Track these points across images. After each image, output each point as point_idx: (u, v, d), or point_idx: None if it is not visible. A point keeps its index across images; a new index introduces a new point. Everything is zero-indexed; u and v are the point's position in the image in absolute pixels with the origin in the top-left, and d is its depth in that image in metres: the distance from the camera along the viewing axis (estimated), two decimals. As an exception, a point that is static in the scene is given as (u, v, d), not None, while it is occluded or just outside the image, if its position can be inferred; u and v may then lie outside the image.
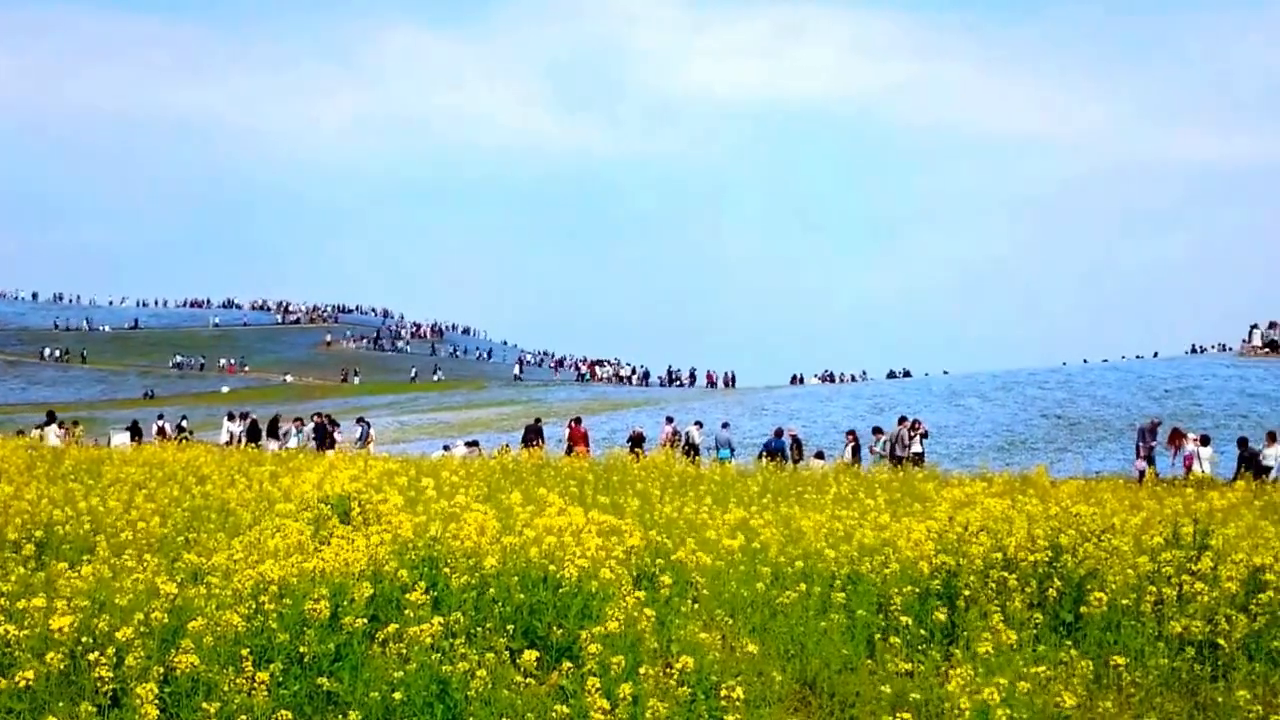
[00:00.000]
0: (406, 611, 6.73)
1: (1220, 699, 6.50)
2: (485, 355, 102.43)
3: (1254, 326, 60.31)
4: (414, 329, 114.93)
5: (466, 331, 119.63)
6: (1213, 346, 63.37)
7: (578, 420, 29.36)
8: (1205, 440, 24.89)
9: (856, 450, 25.86)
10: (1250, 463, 21.57)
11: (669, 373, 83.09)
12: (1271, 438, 22.45)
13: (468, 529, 8.08)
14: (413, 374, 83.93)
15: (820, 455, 27.92)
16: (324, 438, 27.52)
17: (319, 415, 30.22)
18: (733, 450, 27.48)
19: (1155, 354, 62.59)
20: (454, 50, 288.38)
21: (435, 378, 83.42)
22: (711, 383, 77.37)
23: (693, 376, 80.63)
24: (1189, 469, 23.44)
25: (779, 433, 28.13)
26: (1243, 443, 23.47)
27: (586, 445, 26.79)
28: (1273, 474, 20.85)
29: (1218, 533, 9.06)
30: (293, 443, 27.61)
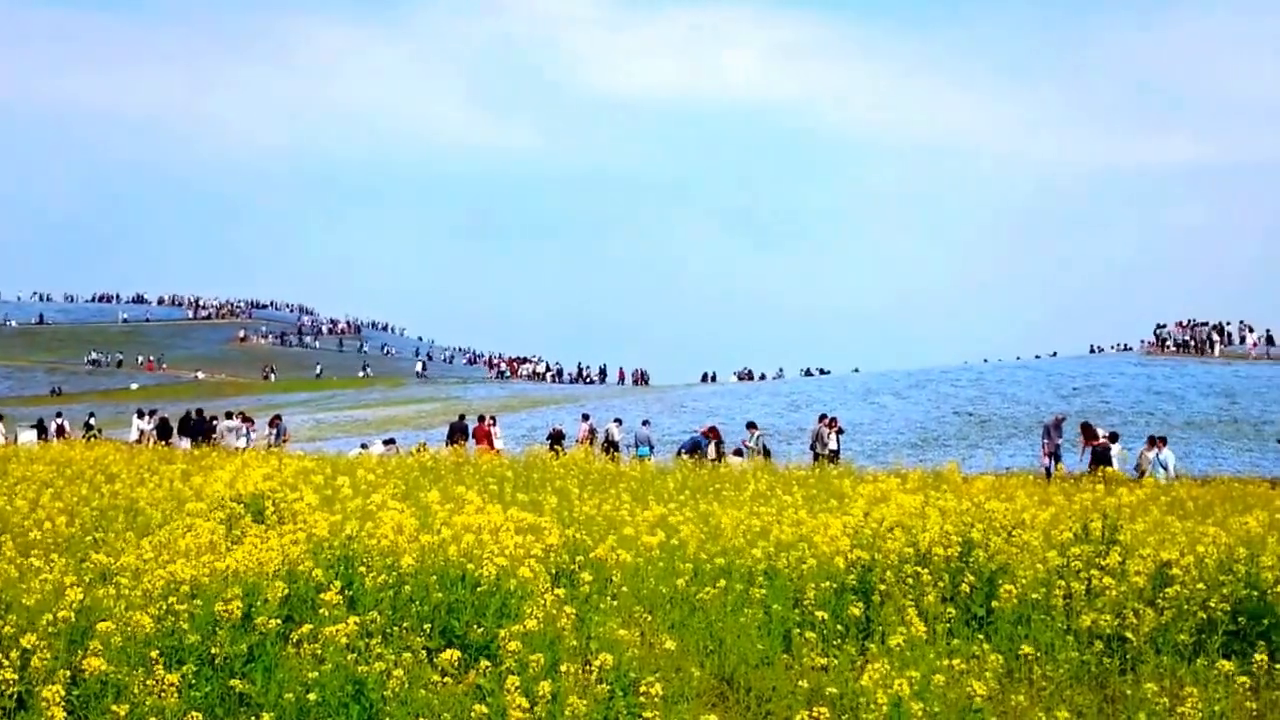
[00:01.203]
0: (321, 611, 6.62)
1: (1129, 691, 6.66)
2: (392, 352, 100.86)
3: (1159, 326, 62.19)
4: (330, 325, 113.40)
5: (385, 328, 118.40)
6: (1112, 346, 65.08)
7: (481, 418, 29.27)
8: (1114, 437, 25.59)
9: (719, 447, 26.03)
10: (1101, 458, 22.38)
11: (579, 369, 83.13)
12: (1151, 442, 23.22)
13: (385, 528, 7.99)
14: (318, 371, 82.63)
15: (739, 452, 28.12)
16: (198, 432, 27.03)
17: (238, 413, 29.67)
18: (652, 448, 27.55)
19: (1054, 354, 63.54)
20: (374, 45, 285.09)
21: (362, 374, 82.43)
22: (621, 379, 77.67)
23: (603, 373, 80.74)
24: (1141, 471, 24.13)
25: (706, 431, 28.23)
26: (1088, 432, 24.33)
27: (490, 443, 26.70)
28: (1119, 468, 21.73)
29: (1126, 528, 9.31)
30: (241, 443, 26.43)
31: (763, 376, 72.66)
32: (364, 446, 28.36)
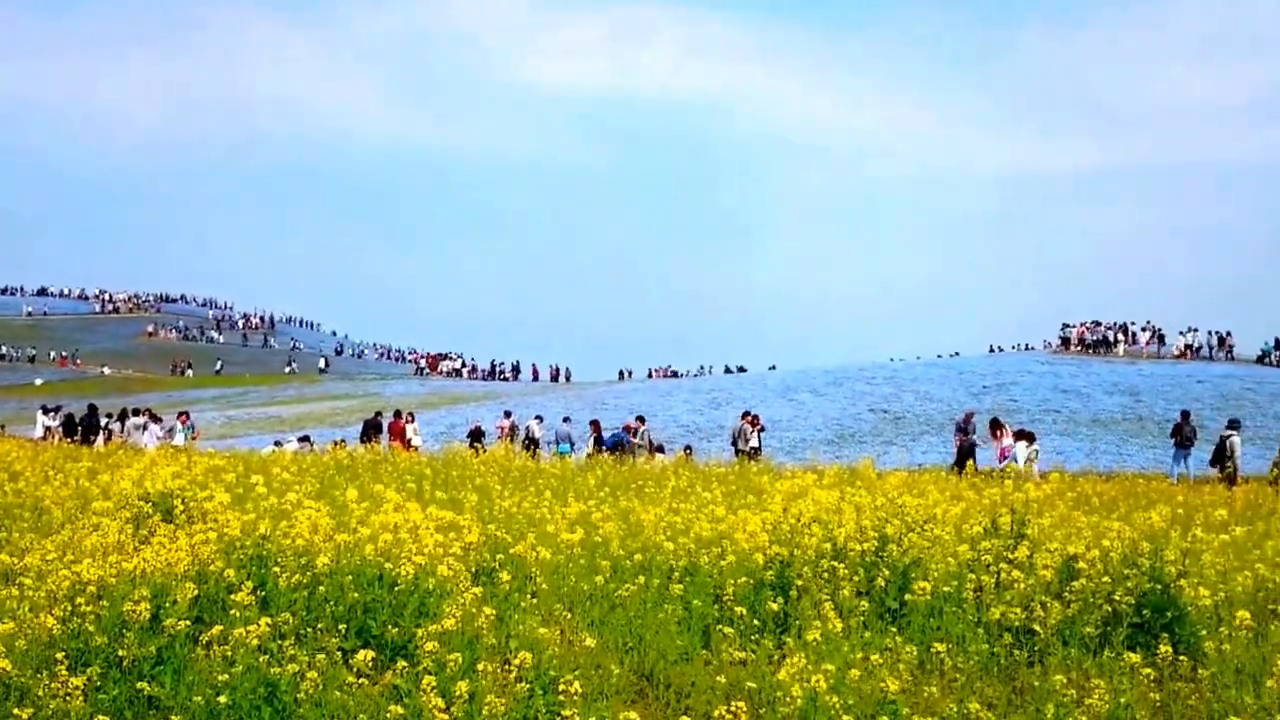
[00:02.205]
0: (233, 612, 6.49)
1: (1037, 683, 6.80)
2: (299, 347, 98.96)
3: (1066, 325, 63.78)
4: (244, 320, 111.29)
5: (301, 323, 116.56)
6: (1013, 346, 66.53)
7: (398, 414, 29.04)
8: (1024, 435, 26.16)
9: (599, 441, 26.26)
10: (968, 453, 23.11)
11: (492, 366, 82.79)
12: (1020, 435, 23.98)
13: (299, 527, 7.85)
14: (218, 366, 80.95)
15: (660, 449, 28.24)
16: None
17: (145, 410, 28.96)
18: (573, 445, 27.54)
19: (956, 353, 64.34)
20: (288, 34, 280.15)
21: (288, 369, 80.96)
22: (536, 376, 77.52)
23: (516, 370, 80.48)
24: (1003, 459, 24.90)
25: (627, 427, 28.36)
26: (962, 432, 25.19)
27: (405, 441, 26.52)
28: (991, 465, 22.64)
29: (1033, 523, 9.51)
30: (149, 440, 25.65)
31: (681, 374, 73.10)
32: (278, 444, 27.91)
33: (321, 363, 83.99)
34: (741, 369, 70.19)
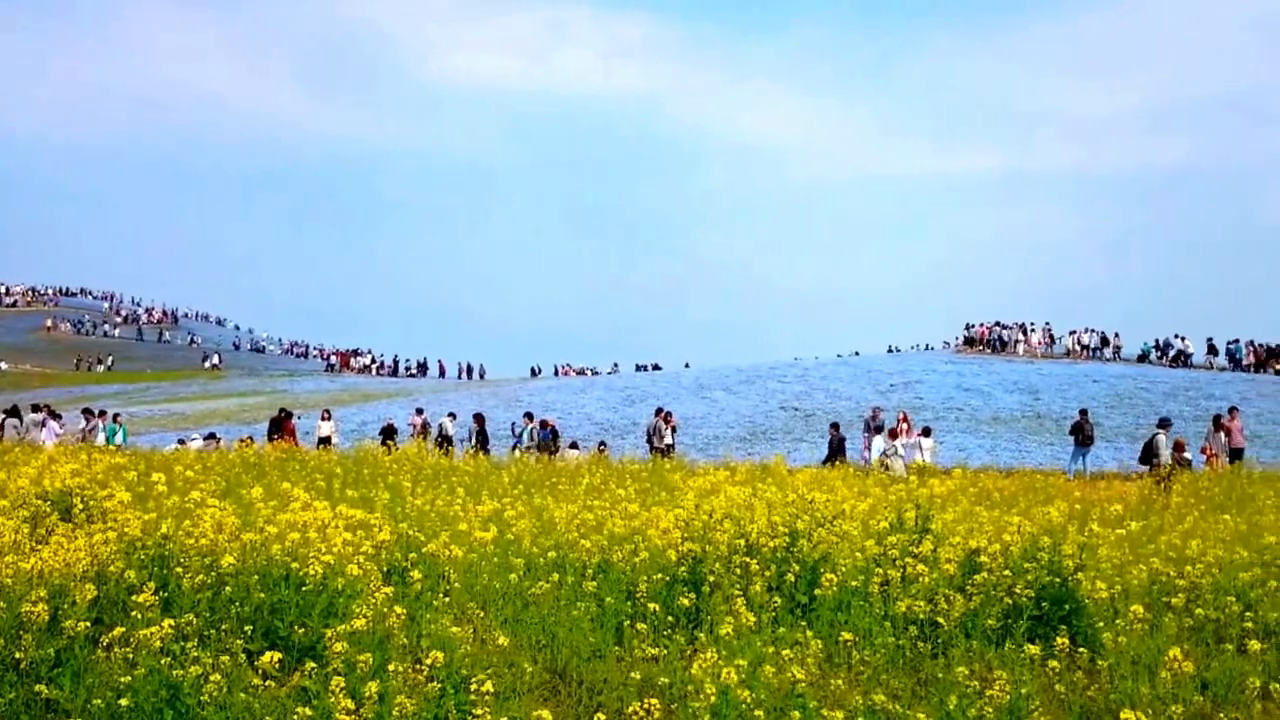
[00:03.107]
0: (134, 614, 6.34)
1: (941, 675, 6.95)
2: (198, 342, 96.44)
3: (968, 325, 65.22)
4: (147, 313, 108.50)
5: (207, 318, 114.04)
6: (912, 347, 67.85)
7: (287, 414, 28.71)
8: (927, 432, 26.72)
9: (482, 435, 26.58)
10: (839, 449, 23.76)
11: (395, 361, 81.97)
12: (892, 434, 24.75)
13: (204, 526, 7.69)
14: (109, 363, 78.61)
15: (574, 446, 28.28)
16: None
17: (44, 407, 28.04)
18: (488, 442, 27.44)
19: (856, 353, 65.13)
20: (200, 24, 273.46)
21: (209, 365, 78.77)
22: (443, 373, 76.98)
23: (423, 367, 79.81)
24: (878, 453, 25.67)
25: (544, 424, 28.31)
26: (835, 426, 26.17)
27: (295, 439, 26.26)
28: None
29: (937, 518, 9.72)
30: (47, 437, 24.94)
31: (591, 372, 73.14)
32: (181, 442, 27.31)
33: (215, 358, 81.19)
34: (656, 366, 70.44)
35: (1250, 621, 7.83)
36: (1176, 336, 57.87)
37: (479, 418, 28.11)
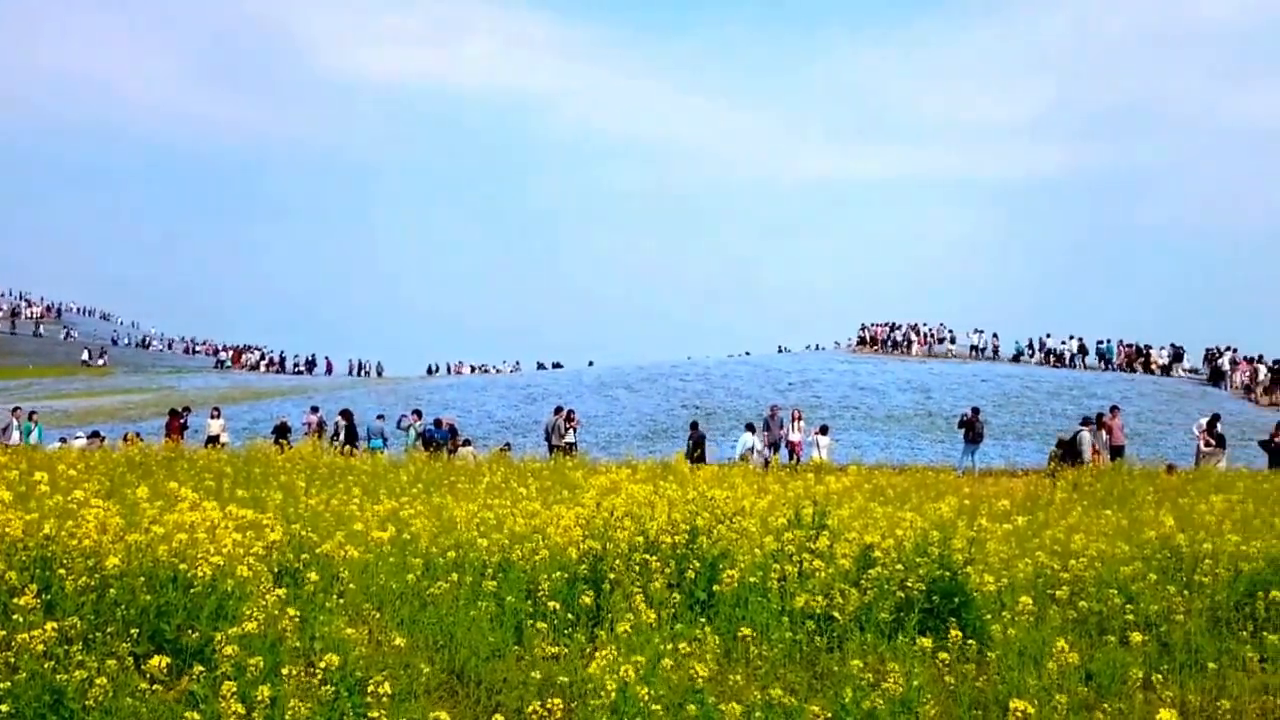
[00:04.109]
0: (15, 617, 6.10)
1: (836, 668, 7.06)
2: (74, 336, 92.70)
3: (864, 326, 66.47)
4: (26, 305, 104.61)
5: (91, 313, 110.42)
6: (806, 347, 68.89)
7: (174, 412, 28.09)
8: (824, 430, 27.15)
9: (350, 430, 26.49)
10: (700, 443, 24.33)
11: (282, 359, 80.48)
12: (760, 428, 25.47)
13: (87, 526, 7.44)
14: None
15: (467, 443, 28.08)
16: None
17: None
18: (386, 440, 27.09)
19: (747, 353, 65.77)
20: (88, 10, 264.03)
21: (101, 362, 75.82)
22: (330, 370, 75.88)
23: (311, 364, 78.54)
24: (794, 454, 26.14)
25: (437, 422, 28.08)
26: (694, 426, 27.00)
27: (182, 436, 25.73)
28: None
29: (834, 514, 9.88)
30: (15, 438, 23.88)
31: (491, 370, 72.72)
32: (63, 440, 26.40)
33: (88, 354, 77.65)
34: (557, 365, 70.26)
35: (1132, 614, 8.11)
36: (1048, 336, 59.95)
37: (346, 414, 27.83)
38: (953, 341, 62.30)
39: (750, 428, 26.98)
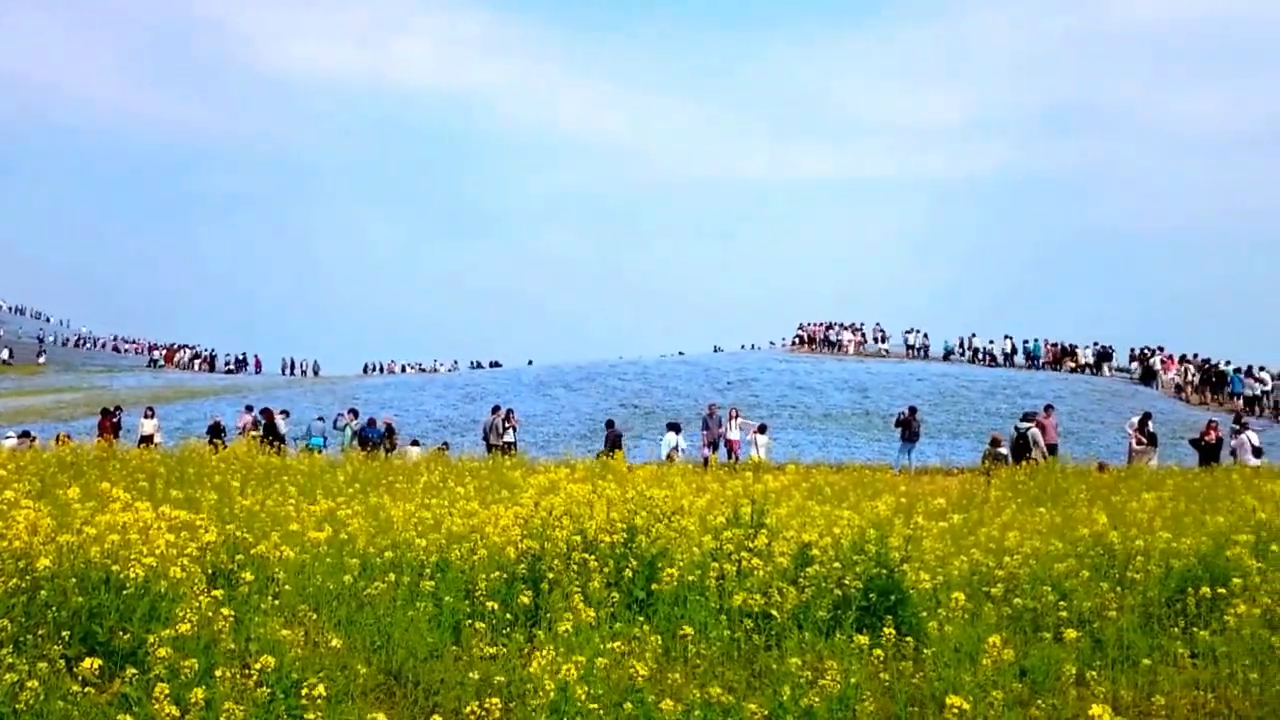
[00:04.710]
0: (-60, 622, 5.97)
1: (775, 666, 7.10)
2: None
3: (801, 325, 66.99)
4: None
5: (20, 311, 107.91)
6: (742, 346, 69.28)
7: (106, 411, 27.59)
8: (762, 429, 27.32)
9: (271, 428, 26.34)
10: (616, 442, 24.52)
11: (211, 357, 79.32)
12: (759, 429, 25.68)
13: (17, 527, 7.28)
14: None
15: (416, 443, 27.93)
16: None
17: None
18: (325, 440, 26.85)
19: (680, 352, 65.89)
20: (20, 5, 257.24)
21: (40, 360, 73.88)
22: (259, 369, 74.91)
23: (241, 362, 77.45)
24: (732, 453, 26.34)
25: (372, 421, 27.86)
26: (609, 424, 27.16)
27: (115, 436, 25.30)
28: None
29: (772, 512, 9.95)
30: None
31: (428, 368, 72.20)
32: (-9, 440, 25.77)
33: (5, 352, 75.59)
34: (495, 364, 69.92)
35: (1065, 611, 8.25)
36: (974, 335, 60.93)
37: (266, 413, 27.55)
38: (883, 340, 63.02)
39: (673, 427, 26.89)
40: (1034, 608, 8.44)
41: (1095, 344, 56.95)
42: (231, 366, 77.05)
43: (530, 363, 65.43)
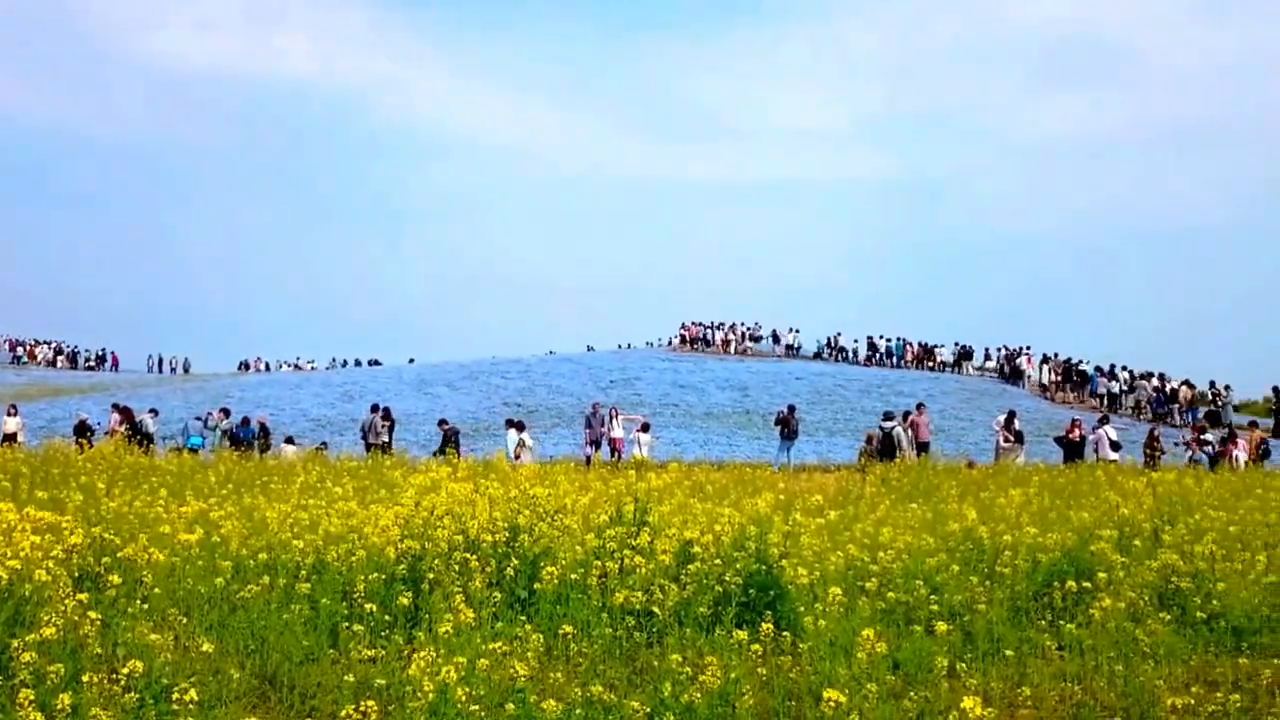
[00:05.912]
0: None
1: (656, 663, 7.16)
2: None
3: (684, 325, 67.59)
4: None
5: None
6: (619, 345, 69.68)
7: None
8: (645, 427, 27.49)
9: (132, 426, 25.90)
10: (451, 439, 24.43)
11: (73, 354, 76.51)
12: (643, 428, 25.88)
13: None
14: None
15: (290, 441, 27.37)
16: None
17: None
18: (205, 440, 26.17)
19: (551, 351, 65.45)
20: None
21: None
22: (116, 365, 72.59)
23: (101, 359, 74.90)
24: (615, 451, 26.49)
25: (245, 420, 27.24)
26: (442, 423, 26.69)
27: None
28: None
29: (654, 510, 10.02)
30: None
31: (302, 366, 70.80)
32: None
33: None
34: (375, 362, 68.81)
35: (937, 604, 8.50)
36: (838, 335, 62.51)
37: (126, 411, 26.74)
38: (757, 340, 64.08)
39: (512, 424, 26.57)
40: (907, 601, 8.66)
41: (956, 344, 58.71)
42: (92, 363, 74.34)
43: (411, 361, 64.58)
